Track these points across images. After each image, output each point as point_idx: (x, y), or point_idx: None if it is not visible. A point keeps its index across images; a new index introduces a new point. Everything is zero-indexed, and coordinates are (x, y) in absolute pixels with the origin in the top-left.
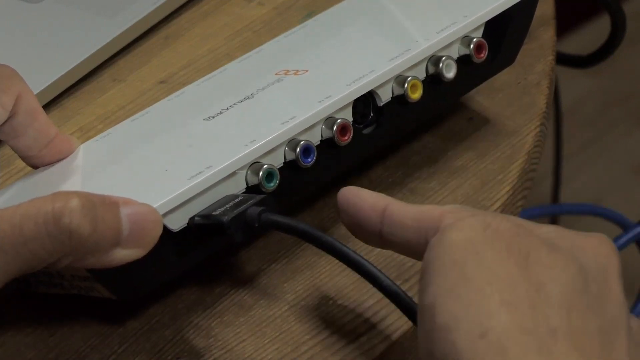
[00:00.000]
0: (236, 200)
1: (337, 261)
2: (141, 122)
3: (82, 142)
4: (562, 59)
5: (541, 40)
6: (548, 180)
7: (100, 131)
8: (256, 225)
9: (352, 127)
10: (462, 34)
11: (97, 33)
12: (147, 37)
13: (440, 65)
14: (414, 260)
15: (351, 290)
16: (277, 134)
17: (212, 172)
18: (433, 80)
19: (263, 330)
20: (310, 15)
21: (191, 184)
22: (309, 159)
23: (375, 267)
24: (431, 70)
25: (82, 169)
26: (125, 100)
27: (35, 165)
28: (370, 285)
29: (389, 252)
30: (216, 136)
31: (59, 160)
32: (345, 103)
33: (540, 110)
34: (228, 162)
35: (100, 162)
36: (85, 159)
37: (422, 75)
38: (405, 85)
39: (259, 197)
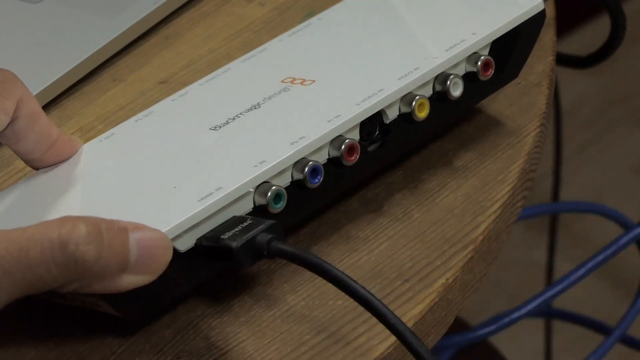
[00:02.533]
0: (244, 225)
1: (337, 262)
2: (145, 123)
3: (84, 142)
4: (562, 60)
5: (541, 41)
6: (548, 180)
7: (101, 131)
8: (265, 253)
9: (359, 147)
10: (470, 52)
11: (97, 33)
12: (147, 38)
13: (448, 83)
14: (414, 261)
15: None
16: (286, 155)
17: (223, 194)
18: (439, 98)
19: (263, 330)
20: (311, 14)
21: (201, 207)
22: (316, 180)
23: (384, 304)
24: (438, 88)
25: (85, 178)
26: (125, 101)
27: (38, 168)
28: (371, 286)
29: (388, 253)
30: (224, 151)
31: (62, 162)
32: (355, 124)
33: (540, 110)
34: (238, 185)
35: (105, 171)
36: (89, 164)
37: (428, 92)
38: (413, 104)
39: (268, 223)
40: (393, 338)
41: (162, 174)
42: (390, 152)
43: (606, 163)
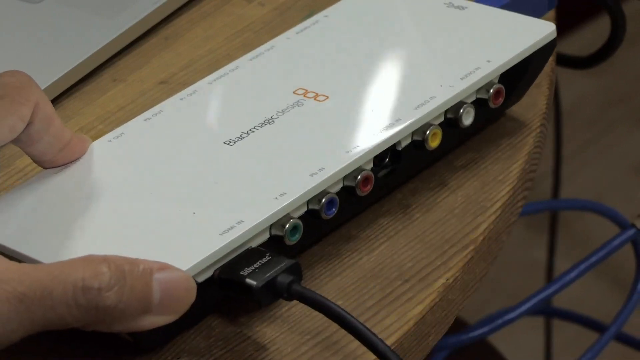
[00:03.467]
0: (263, 261)
1: (337, 262)
2: (155, 124)
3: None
4: (562, 60)
5: None
6: (548, 180)
7: (101, 131)
8: (285, 295)
9: (373, 177)
10: (485, 81)
11: (97, 33)
12: (147, 38)
13: (461, 112)
14: (414, 261)
15: (351, 291)
16: (307, 189)
17: (245, 229)
18: (448, 124)
19: (263, 330)
20: (311, 14)
21: (224, 243)
22: (332, 211)
23: None
24: (450, 115)
25: (101, 186)
26: (125, 101)
27: (47, 168)
28: (371, 286)
29: (388, 253)
30: (242, 174)
31: (72, 162)
32: (372, 156)
33: (540, 110)
34: (260, 220)
35: (119, 178)
36: (102, 168)
37: (439, 120)
38: (427, 133)
39: (288, 263)
40: (393, 338)
41: (178, 191)
42: (399, 177)
43: (606, 163)
